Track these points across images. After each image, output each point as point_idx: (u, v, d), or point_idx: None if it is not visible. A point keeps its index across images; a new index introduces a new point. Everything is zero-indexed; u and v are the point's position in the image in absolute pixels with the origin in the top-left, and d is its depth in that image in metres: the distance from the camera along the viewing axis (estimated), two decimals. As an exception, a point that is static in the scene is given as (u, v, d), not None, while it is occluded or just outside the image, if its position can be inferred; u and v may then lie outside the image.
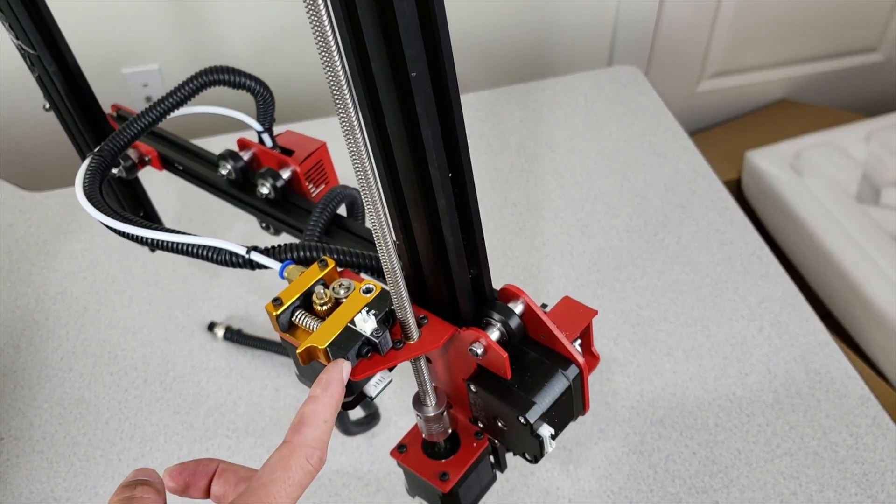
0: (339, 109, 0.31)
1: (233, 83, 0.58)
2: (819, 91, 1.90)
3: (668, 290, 0.95)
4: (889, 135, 1.51)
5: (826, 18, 1.77)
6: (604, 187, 1.10)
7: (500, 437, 0.44)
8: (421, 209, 0.36)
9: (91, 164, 0.53)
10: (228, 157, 0.61)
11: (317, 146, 0.61)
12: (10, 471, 0.82)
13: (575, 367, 0.41)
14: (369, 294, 0.40)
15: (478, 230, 0.38)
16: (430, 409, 0.44)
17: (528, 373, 0.41)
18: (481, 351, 0.40)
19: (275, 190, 0.59)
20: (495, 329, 0.41)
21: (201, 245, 0.46)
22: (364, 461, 0.79)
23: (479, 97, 1.27)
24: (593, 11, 1.63)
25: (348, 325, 0.39)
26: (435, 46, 0.31)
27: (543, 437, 0.40)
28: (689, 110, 1.86)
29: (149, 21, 1.42)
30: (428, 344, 0.40)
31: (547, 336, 0.41)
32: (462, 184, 0.36)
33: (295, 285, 0.41)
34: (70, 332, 0.95)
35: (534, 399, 0.40)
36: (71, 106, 0.64)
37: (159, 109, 0.56)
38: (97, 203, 0.49)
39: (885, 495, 0.75)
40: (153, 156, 0.66)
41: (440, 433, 0.46)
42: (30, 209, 1.11)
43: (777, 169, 1.47)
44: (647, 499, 0.76)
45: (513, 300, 0.42)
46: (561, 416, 0.41)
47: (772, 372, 0.86)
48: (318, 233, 0.53)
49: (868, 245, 1.31)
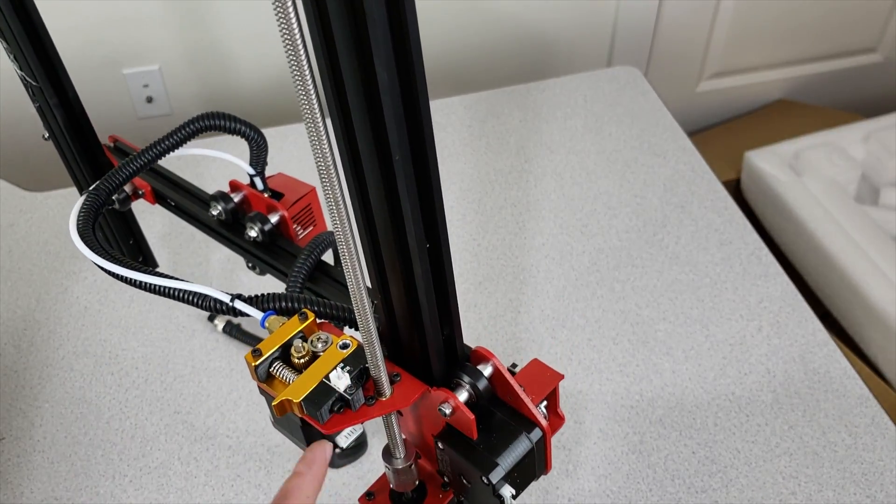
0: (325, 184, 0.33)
1: (228, 129, 0.60)
2: (818, 91, 1.90)
3: (668, 289, 0.95)
4: (888, 135, 1.51)
5: (825, 19, 1.77)
6: (603, 187, 1.10)
7: (464, 493, 0.45)
8: (399, 274, 0.38)
9: (86, 202, 0.55)
10: (220, 198, 0.63)
11: (306, 191, 0.63)
12: (11, 470, 0.82)
13: (539, 431, 0.42)
14: (346, 350, 0.42)
15: (452, 295, 0.40)
16: (399, 461, 0.46)
17: (493, 433, 0.42)
18: (449, 411, 0.42)
19: (262, 233, 0.61)
20: (464, 390, 0.42)
21: (188, 291, 0.48)
22: (364, 461, 0.80)
23: (479, 97, 1.28)
24: (593, 12, 1.63)
25: (323, 380, 0.40)
26: (418, 130, 0.33)
27: (505, 498, 0.41)
28: (688, 111, 1.86)
29: (149, 21, 1.43)
30: (399, 402, 0.42)
31: (513, 398, 0.43)
32: (439, 254, 0.38)
33: (275, 337, 0.43)
34: (71, 331, 0.95)
35: (497, 460, 0.41)
36: (69, 137, 0.66)
37: (155, 151, 0.58)
38: (89, 242, 0.51)
39: (885, 495, 0.75)
40: (147, 190, 0.68)
41: (408, 484, 0.47)
42: (30, 209, 1.12)
43: (776, 169, 1.47)
44: (647, 498, 0.76)
45: (482, 362, 0.43)
46: (523, 477, 0.43)
47: (771, 372, 0.86)
48: (302, 279, 0.55)
49: (867, 245, 1.31)
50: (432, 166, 0.34)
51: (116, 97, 1.51)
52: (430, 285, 0.39)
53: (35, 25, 0.60)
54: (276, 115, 1.54)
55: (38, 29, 0.60)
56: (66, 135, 0.66)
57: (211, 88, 1.55)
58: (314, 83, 0.29)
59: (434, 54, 1.60)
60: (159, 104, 1.54)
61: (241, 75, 1.54)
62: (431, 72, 1.79)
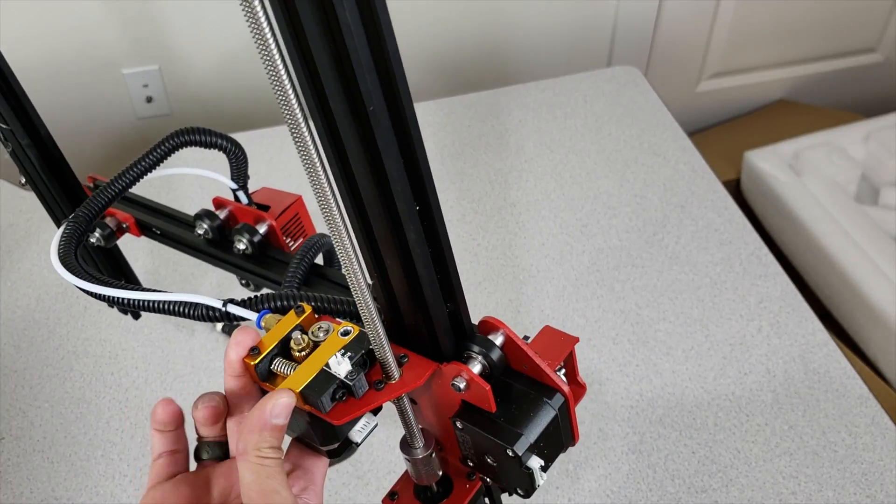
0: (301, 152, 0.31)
1: (204, 143, 0.58)
2: (818, 91, 1.91)
3: (668, 289, 0.95)
4: (888, 135, 1.51)
5: (825, 19, 1.77)
6: (603, 187, 1.10)
7: (491, 474, 0.43)
8: (392, 245, 0.37)
9: (66, 230, 0.53)
10: (204, 216, 0.62)
11: (292, 200, 0.62)
12: (10, 470, 0.82)
13: (560, 396, 0.41)
14: (347, 336, 0.40)
15: (450, 263, 0.38)
16: (418, 451, 0.44)
17: (513, 405, 0.40)
18: (464, 385, 0.40)
19: (252, 245, 0.60)
20: (476, 362, 0.41)
21: (178, 301, 0.47)
22: (364, 461, 0.80)
23: (478, 97, 1.28)
24: (592, 12, 1.63)
25: (324, 368, 0.39)
26: (389, 79, 0.31)
27: (533, 469, 0.40)
28: (688, 110, 1.86)
29: (149, 21, 1.43)
30: (410, 382, 0.40)
31: (530, 366, 0.41)
32: (430, 216, 0.36)
33: (272, 333, 0.41)
34: (71, 331, 0.95)
35: (521, 430, 0.39)
36: (46, 178, 0.63)
37: (132, 174, 0.56)
38: (72, 268, 0.49)
39: (884, 495, 0.75)
40: (130, 222, 0.66)
41: (430, 476, 0.45)
42: (30, 209, 1.12)
43: (776, 169, 1.47)
44: (647, 498, 0.76)
45: (493, 332, 0.41)
46: (550, 448, 0.41)
47: (771, 371, 0.86)
48: (297, 283, 0.53)
49: (867, 245, 1.31)
50: (409, 117, 0.32)
51: (116, 97, 1.51)
52: (425, 251, 0.37)
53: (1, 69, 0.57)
54: (276, 115, 1.54)
55: (2, 70, 0.57)
56: (43, 176, 0.63)
57: (211, 88, 1.55)
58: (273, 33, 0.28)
59: (434, 54, 1.60)
60: (159, 104, 1.54)
61: (240, 75, 1.54)
62: (431, 72, 1.80)
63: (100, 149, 1.58)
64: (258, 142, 1.21)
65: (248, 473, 0.37)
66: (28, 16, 1.35)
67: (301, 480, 0.44)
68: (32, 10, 1.34)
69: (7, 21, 1.34)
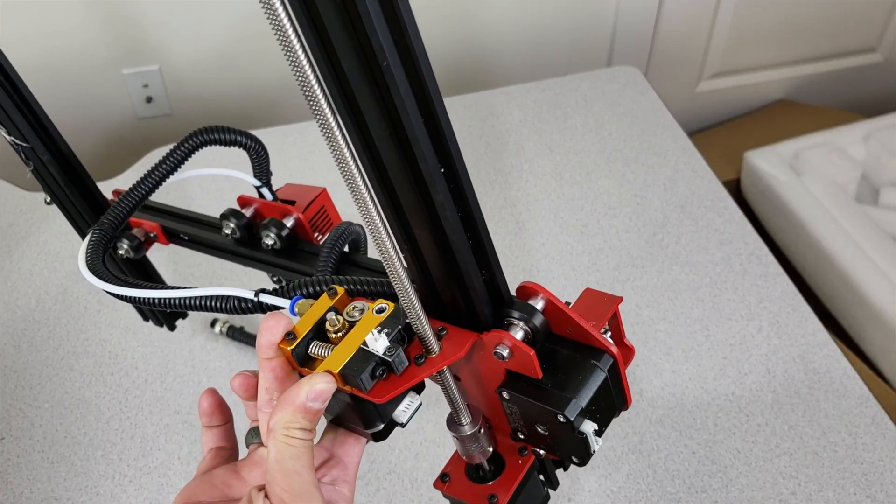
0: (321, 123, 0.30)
1: (224, 141, 0.57)
2: (818, 91, 1.91)
3: (668, 289, 0.95)
4: (888, 135, 1.51)
5: (825, 19, 1.77)
6: (603, 187, 1.10)
7: (544, 444, 0.42)
8: (419, 212, 0.35)
9: (92, 238, 0.53)
10: (230, 215, 0.61)
11: (317, 193, 0.61)
12: (10, 470, 0.82)
13: (609, 357, 0.39)
14: (382, 313, 0.39)
15: (482, 227, 0.37)
16: (465, 427, 0.42)
17: (560, 370, 0.39)
18: (507, 353, 0.38)
19: (280, 239, 0.59)
20: (518, 329, 0.39)
21: (210, 296, 0.46)
22: (364, 461, 0.80)
23: (478, 97, 1.28)
24: (593, 12, 1.63)
25: (361, 346, 0.38)
26: (402, 33, 0.30)
27: (587, 434, 0.38)
28: (688, 111, 1.86)
29: (149, 21, 1.43)
30: (451, 354, 0.38)
31: (574, 329, 0.39)
32: (455, 177, 0.35)
33: (307, 317, 0.40)
34: (71, 331, 0.95)
35: (570, 395, 0.38)
36: (70, 194, 0.63)
37: (154, 177, 0.56)
38: (100, 273, 0.49)
39: (885, 495, 0.75)
40: (157, 231, 0.65)
41: (481, 453, 0.43)
42: (30, 209, 1.12)
43: (776, 169, 1.47)
44: (647, 498, 0.76)
45: (532, 297, 0.40)
46: (603, 411, 0.39)
47: (771, 372, 0.86)
48: (331, 270, 0.52)
49: (867, 245, 1.31)
50: (427, 76, 0.31)
51: (116, 97, 1.51)
52: (454, 213, 0.35)
53: (14, 82, 0.56)
54: (276, 115, 1.54)
55: (19, 88, 0.57)
56: (67, 191, 0.63)
57: (211, 88, 1.55)
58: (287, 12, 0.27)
59: (434, 54, 1.60)
60: (159, 104, 1.54)
61: (240, 75, 1.54)
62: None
63: (100, 149, 1.58)
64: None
65: (273, 451, 0.37)
66: (28, 16, 1.35)
67: (334, 470, 0.44)
68: (32, 10, 1.34)
69: (7, 21, 1.34)
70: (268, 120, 1.51)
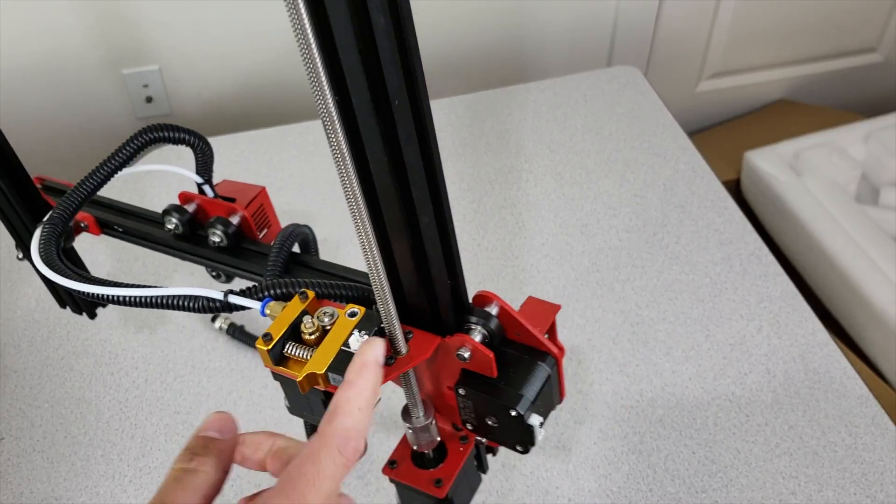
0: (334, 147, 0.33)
1: (171, 139, 0.59)
2: (818, 91, 1.91)
3: (668, 289, 0.95)
4: (888, 135, 1.51)
5: (825, 19, 1.78)
6: (603, 187, 1.10)
7: (491, 434, 0.46)
8: (402, 230, 0.39)
9: (43, 232, 0.54)
10: (173, 210, 0.62)
11: (257, 192, 0.63)
12: (10, 470, 0.82)
13: (552, 358, 0.44)
14: (355, 317, 0.42)
15: (454, 243, 0.41)
16: (420, 419, 0.47)
17: (511, 369, 0.44)
18: (468, 355, 0.43)
19: (226, 237, 0.61)
20: (477, 332, 0.44)
21: (178, 296, 0.47)
22: (364, 461, 0.80)
23: (478, 97, 1.28)
24: (592, 12, 1.63)
25: (342, 347, 0.41)
26: (411, 77, 0.33)
27: (534, 426, 0.43)
28: (688, 110, 1.86)
29: (149, 21, 1.43)
30: (418, 356, 0.42)
31: (522, 334, 0.44)
32: (440, 202, 0.39)
33: (281, 319, 0.43)
34: (71, 331, 0.95)
35: (521, 392, 0.43)
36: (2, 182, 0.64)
37: (102, 172, 0.57)
38: (59, 269, 0.50)
39: (885, 495, 0.75)
40: (90, 221, 0.66)
41: (429, 443, 0.48)
42: (30, 209, 1.11)
43: (776, 169, 1.47)
44: (647, 498, 0.76)
45: (488, 304, 0.45)
46: (545, 405, 0.45)
47: (771, 372, 0.86)
48: (279, 271, 0.55)
49: (867, 245, 1.31)
50: (426, 113, 0.35)
51: (116, 97, 1.51)
52: (435, 235, 0.39)
53: None
54: (276, 115, 1.54)
55: None
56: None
57: (210, 88, 1.55)
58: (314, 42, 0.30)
59: (434, 54, 1.60)
60: (159, 104, 1.54)
61: (240, 75, 1.54)
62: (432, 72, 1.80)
63: (100, 149, 1.57)
64: (258, 142, 1.21)
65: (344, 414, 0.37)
66: (28, 15, 1.35)
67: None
68: (32, 10, 1.34)
69: (7, 20, 1.34)
70: (268, 120, 1.51)
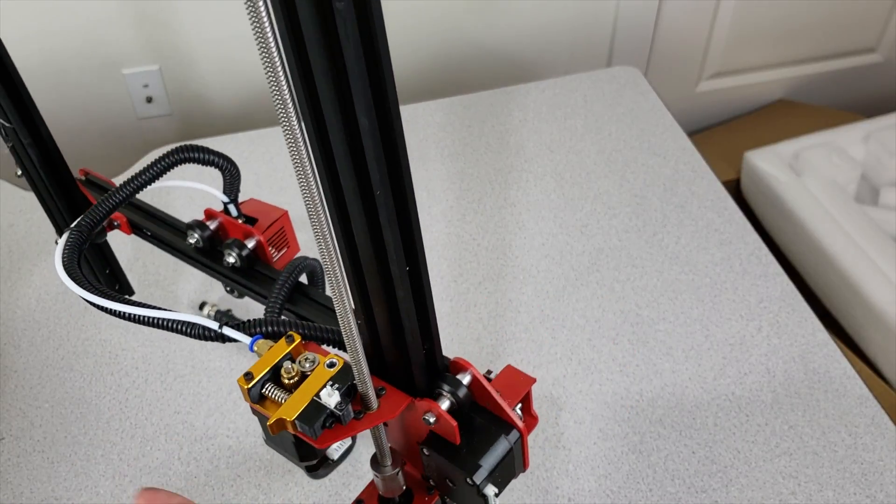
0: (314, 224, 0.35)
1: (202, 160, 0.63)
2: (818, 91, 1.91)
3: (667, 289, 0.95)
4: (888, 135, 1.51)
5: (825, 19, 1.78)
6: (603, 187, 1.10)
7: (450, 494, 0.48)
8: (382, 298, 0.41)
9: (69, 239, 0.58)
10: (196, 226, 0.66)
11: (279, 215, 0.66)
12: (10, 470, 0.82)
13: (516, 432, 0.46)
14: (332, 368, 0.44)
15: (431, 313, 0.43)
16: (387, 469, 0.48)
17: (475, 437, 0.45)
18: (433, 420, 0.44)
19: (240, 259, 0.64)
20: (446, 399, 0.45)
21: (177, 320, 0.51)
22: (364, 461, 0.80)
23: (478, 97, 1.28)
24: (592, 12, 1.63)
25: (314, 398, 0.43)
26: (397, 170, 0.36)
27: (489, 496, 0.45)
28: (688, 111, 1.86)
29: (149, 21, 1.43)
30: (386, 413, 0.44)
31: (491, 404, 0.46)
32: (418, 277, 0.40)
33: (264, 360, 0.45)
34: (71, 331, 0.95)
35: (479, 462, 0.44)
36: (45, 176, 0.67)
37: (132, 186, 0.61)
38: (77, 279, 0.54)
39: (884, 495, 0.75)
40: (123, 221, 0.70)
41: (396, 490, 0.50)
42: (30, 209, 1.12)
43: (776, 169, 1.47)
44: (647, 498, 0.76)
45: (461, 371, 0.46)
46: (504, 476, 0.46)
47: (771, 372, 0.86)
48: (281, 302, 0.58)
49: (867, 245, 1.31)
50: (410, 199, 0.37)
51: (116, 97, 1.51)
52: (411, 307, 0.41)
53: (6, 67, 0.60)
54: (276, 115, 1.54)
55: (8, 69, 0.60)
56: (42, 173, 0.67)
57: (211, 88, 1.55)
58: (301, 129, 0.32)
59: (434, 54, 1.60)
60: (159, 104, 1.54)
61: (240, 75, 1.54)
62: (432, 72, 1.79)
63: (100, 149, 1.58)
64: (258, 142, 1.21)
65: None
66: (28, 15, 1.35)
67: None
68: (33, 10, 1.34)
69: (7, 20, 1.34)
70: (268, 120, 1.51)
